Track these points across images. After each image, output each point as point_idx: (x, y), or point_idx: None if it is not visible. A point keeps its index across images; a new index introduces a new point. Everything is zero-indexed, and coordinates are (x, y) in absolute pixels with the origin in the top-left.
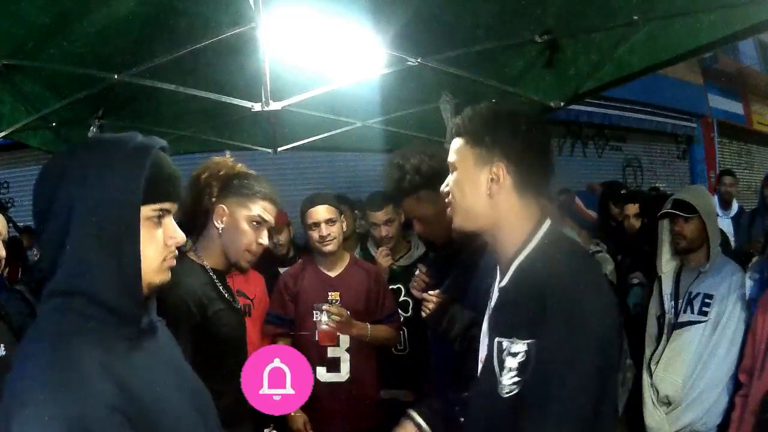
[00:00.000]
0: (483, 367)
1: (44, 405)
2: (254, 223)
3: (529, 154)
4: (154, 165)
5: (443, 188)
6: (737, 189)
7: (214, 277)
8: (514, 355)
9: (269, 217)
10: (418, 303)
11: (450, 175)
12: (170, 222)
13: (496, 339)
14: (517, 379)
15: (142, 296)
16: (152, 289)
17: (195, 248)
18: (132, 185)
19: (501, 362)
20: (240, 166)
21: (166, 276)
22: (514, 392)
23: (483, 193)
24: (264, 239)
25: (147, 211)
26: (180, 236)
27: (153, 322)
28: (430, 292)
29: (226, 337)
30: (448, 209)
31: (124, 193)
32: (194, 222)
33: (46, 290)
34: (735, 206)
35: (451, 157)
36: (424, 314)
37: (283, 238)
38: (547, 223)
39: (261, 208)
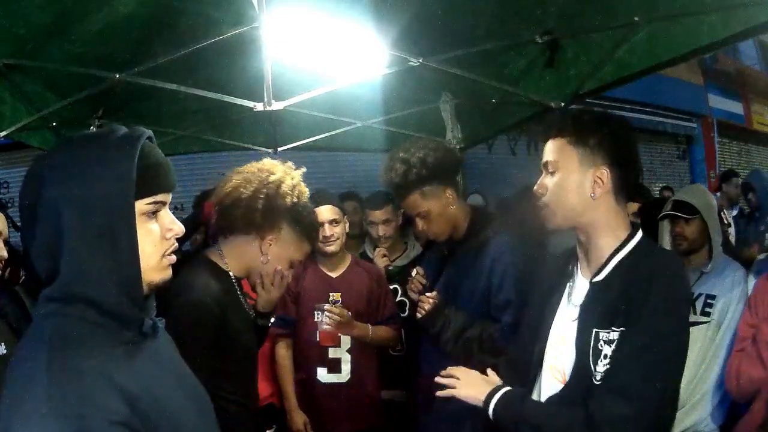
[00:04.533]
0: (577, 360)
1: (45, 420)
2: (290, 264)
3: (628, 157)
4: (143, 156)
5: (536, 189)
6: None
7: (235, 284)
8: (611, 342)
9: (303, 260)
10: (415, 304)
11: (545, 174)
12: (166, 213)
13: (594, 330)
14: (609, 367)
15: (143, 297)
16: (153, 288)
17: (220, 251)
18: (123, 180)
19: (597, 352)
20: (307, 192)
21: (168, 273)
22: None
23: (586, 194)
24: (290, 277)
25: (141, 205)
26: (179, 227)
27: (155, 324)
28: (427, 294)
29: (243, 345)
30: (543, 208)
31: (115, 190)
32: (238, 221)
33: (42, 296)
34: (736, 206)
35: (550, 157)
36: (419, 315)
37: None
38: (641, 233)
39: (305, 253)
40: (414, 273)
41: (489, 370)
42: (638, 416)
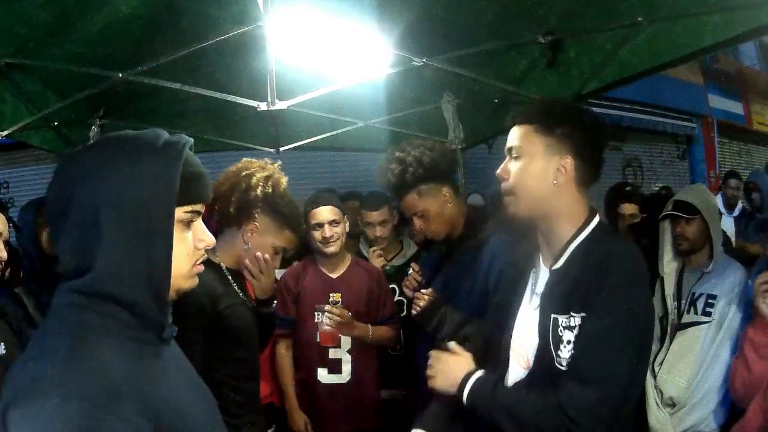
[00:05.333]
0: (539, 346)
1: (58, 410)
2: (275, 251)
3: (592, 149)
4: (186, 164)
5: (499, 173)
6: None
7: (229, 276)
8: (572, 328)
9: (288, 248)
10: (411, 301)
11: (510, 160)
12: (200, 224)
13: (552, 316)
14: (573, 353)
15: (169, 303)
16: (179, 295)
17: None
18: (168, 186)
19: (557, 337)
20: (285, 181)
21: (195, 282)
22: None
23: (549, 181)
24: (277, 264)
25: (180, 213)
26: (210, 239)
27: (173, 331)
28: (422, 291)
29: (240, 331)
30: (506, 194)
31: (159, 195)
32: (215, 215)
33: (67, 286)
34: (739, 206)
35: (515, 142)
36: (414, 312)
37: None
38: (598, 217)
39: (287, 240)
40: (410, 270)
41: (454, 345)
42: (605, 400)
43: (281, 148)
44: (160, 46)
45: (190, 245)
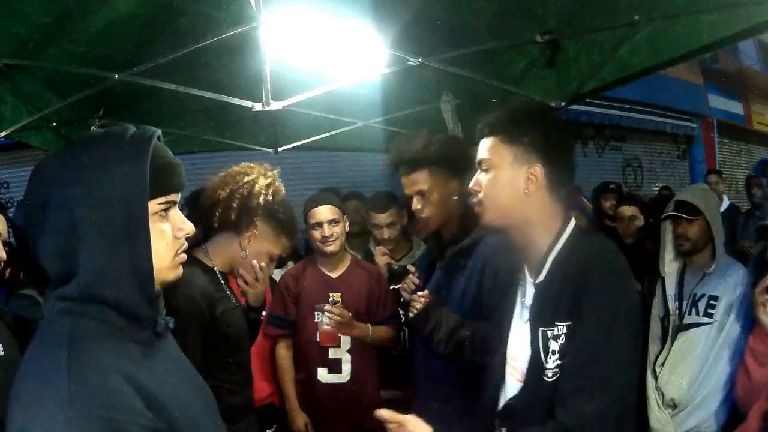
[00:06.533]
0: (531, 360)
1: (70, 423)
2: (270, 258)
3: (562, 154)
4: (155, 156)
5: (471, 186)
6: (736, 188)
7: (222, 280)
8: (557, 338)
9: (282, 255)
10: (408, 303)
11: (480, 172)
12: (177, 213)
13: (540, 329)
14: (559, 362)
15: (156, 296)
16: (165, 286)
17: (205, 249)
18: (138, 180)
19: (546, 349)
20: (283, 190)
21: (179, 272)
22: (558, 375)
23: (520, 191)
24: (272, 271)
25: (154, 205)
26: (189, 227)
27: (166, 324)
28: (419, 293)
29: (235, 335)
30: (478, 206)
31: (132, 190)
32: (216, 220)
33: (55, 295)
34: (725, 203)
35: (484, 155)
36: (410, 314)
37: None
38: (573, 222)
39: (283, 247)
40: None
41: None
42: (606, 410)
43: (280, 148)
44: (159, 47)
45: (169, 236)
